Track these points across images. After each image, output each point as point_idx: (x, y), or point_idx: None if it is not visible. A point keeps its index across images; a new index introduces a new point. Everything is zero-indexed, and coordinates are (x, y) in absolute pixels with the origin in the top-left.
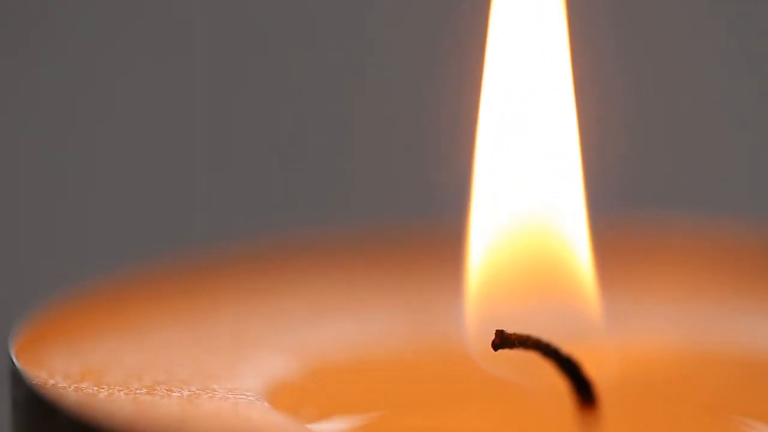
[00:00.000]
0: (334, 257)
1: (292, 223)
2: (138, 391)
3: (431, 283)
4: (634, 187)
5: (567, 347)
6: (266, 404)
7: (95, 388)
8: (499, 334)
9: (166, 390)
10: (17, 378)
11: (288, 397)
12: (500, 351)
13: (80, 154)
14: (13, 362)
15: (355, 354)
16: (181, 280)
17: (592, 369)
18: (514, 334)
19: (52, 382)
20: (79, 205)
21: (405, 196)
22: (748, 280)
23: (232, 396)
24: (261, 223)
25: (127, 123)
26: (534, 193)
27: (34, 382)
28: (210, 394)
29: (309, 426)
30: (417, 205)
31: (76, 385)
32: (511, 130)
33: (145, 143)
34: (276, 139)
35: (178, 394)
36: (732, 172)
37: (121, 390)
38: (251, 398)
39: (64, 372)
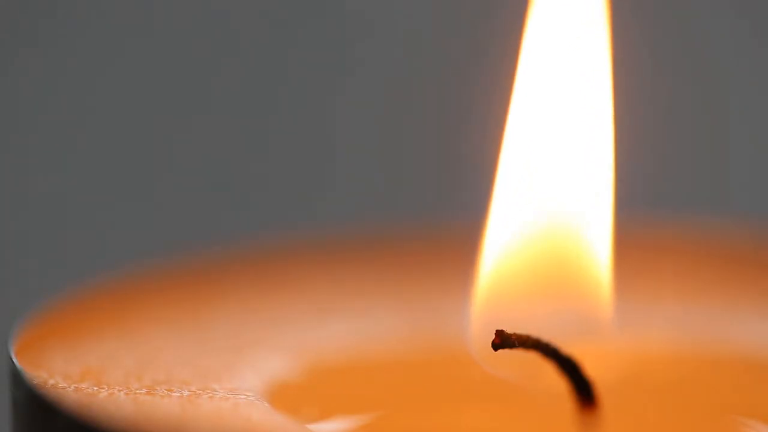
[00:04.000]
0: (334, 257)
1: (292, 223)
2: (138, 391)
3: (432, 283)
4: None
5: (567, 347)
6: (266, 404)
7: (95, 388)
8: (499, 334)
9: (166, 390)
10: (17, 378)
11: (288, 397)
12: (500, 351)
13: (80, 154)
14: (13, 362)
15: (355, 354)
16: (181, 280)
17: (592, 369)
18: (514, 334)
19: (52, 382)
20: (79, 205)
21: (407, 196)
22: (749, 280)
23: (232, 396)
24: (261, 223)
25: (126, 123)
26: (551, 194)
27: (34, 382)
28: (210, 394)
29: (309, 426)
30: (418, 205)
31: (76, 385)
32: (534, 129)
33: (145, 143)
34: (276, 139)
35: (178, 394)
36: (733, 172)
37: (121, 390)
38: (251, 398)
39: (64, 372)
